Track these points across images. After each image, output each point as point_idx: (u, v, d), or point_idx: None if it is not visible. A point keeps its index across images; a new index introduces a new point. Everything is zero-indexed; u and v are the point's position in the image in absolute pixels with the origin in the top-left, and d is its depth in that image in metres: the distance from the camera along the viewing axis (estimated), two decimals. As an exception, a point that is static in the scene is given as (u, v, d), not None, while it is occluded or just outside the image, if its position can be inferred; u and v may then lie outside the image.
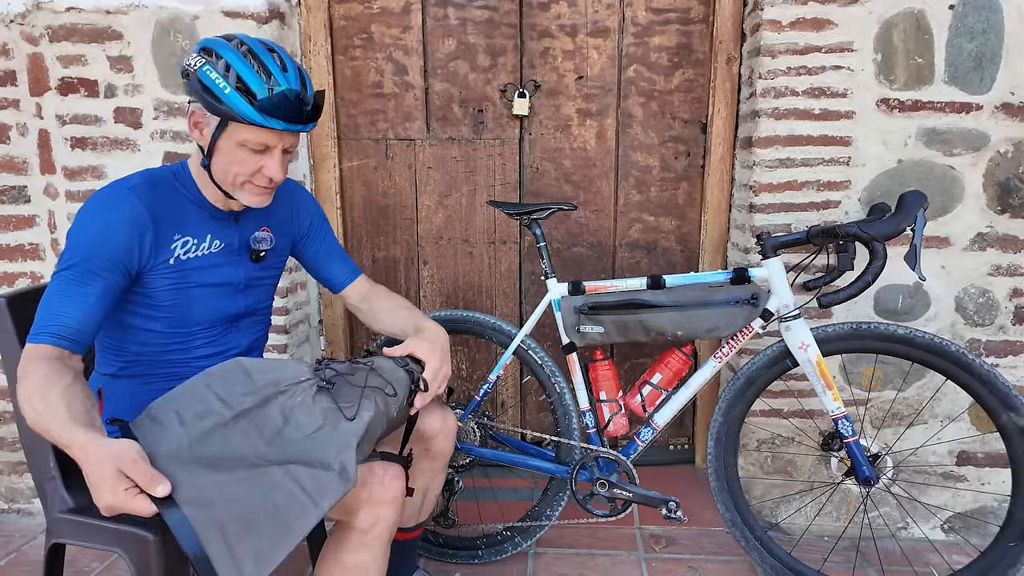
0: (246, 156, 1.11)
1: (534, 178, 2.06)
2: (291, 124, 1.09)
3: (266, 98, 1.05)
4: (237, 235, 1.24)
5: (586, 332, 1.61)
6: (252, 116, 1.06)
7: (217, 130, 1.09)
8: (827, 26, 1.68)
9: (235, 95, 1.05)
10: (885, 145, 1.72)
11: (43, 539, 1.87)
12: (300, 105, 1.09)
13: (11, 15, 1.78)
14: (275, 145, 1.12)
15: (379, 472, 1.09)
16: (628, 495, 1.63)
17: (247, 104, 1.05)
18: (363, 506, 1.08)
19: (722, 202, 2.00)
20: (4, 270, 1.91)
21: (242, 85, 1.05)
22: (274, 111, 1.06)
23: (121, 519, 1.17)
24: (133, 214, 1.09)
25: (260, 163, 1.12)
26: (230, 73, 1.05)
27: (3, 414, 1.97)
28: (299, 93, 1.09)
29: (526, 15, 1.96)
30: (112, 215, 1.09)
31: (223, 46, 1.08)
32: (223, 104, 1.06)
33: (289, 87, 1.07)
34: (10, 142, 1.84)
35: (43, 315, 1.04)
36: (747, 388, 1.62)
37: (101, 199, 1.11)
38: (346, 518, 1.10)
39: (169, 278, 1.15)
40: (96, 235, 1.07)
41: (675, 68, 1.98)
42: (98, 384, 1.22)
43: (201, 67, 1.06)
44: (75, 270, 1.05)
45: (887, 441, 1.83)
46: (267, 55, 1.09)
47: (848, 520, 1.89)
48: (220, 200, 1.20)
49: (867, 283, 1.42)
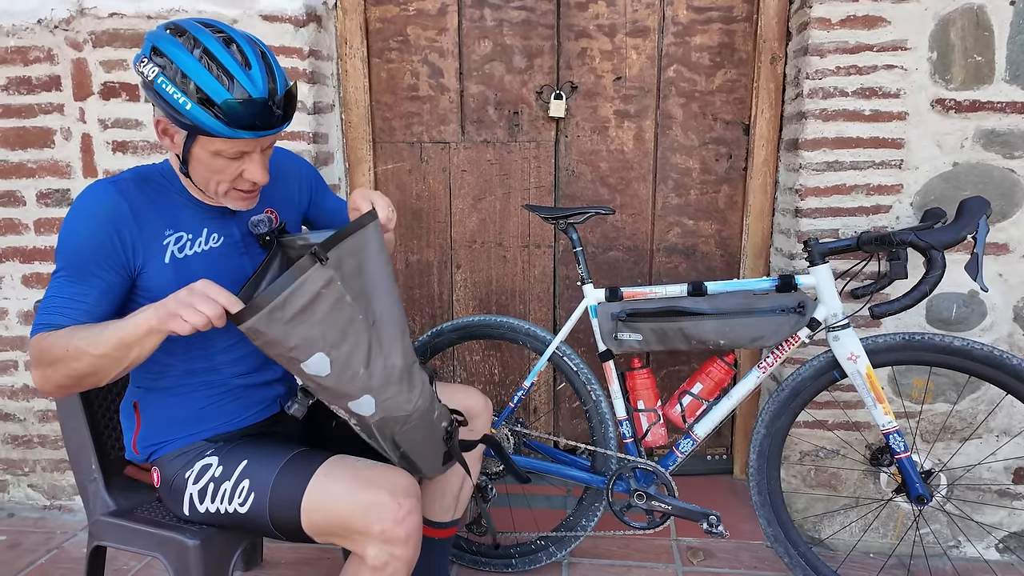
0: (224, 164, 1.04)
1: (569, 181, 2.03)
2: (262, 132, 1.01)
3: (231, 109, 0.96)
4: (236, 226, 1.18)
5: (623, 339, 1.57)
6: (219, 130, 0.97)
7: (188, 141, 1.02)
8: (880, 23, 1.61)
9: (198, 109, 0.96)
10: (940, 147, 1.65)
11: (83, 536, 1.92)
12: (269, 110, 1.00)
13: (56, 21, 1.81)
14: (252, 149, 1.04)
15: (393, 508, 1.02)
16: (667, 508, 1.59)
17: (212, 118, 0.96)
18: (374, 543, 1.02)
19: (765, 206, 1.94)
20: (48, 271, 1.94)
21: (203, 96, 0.95)
22: (241, 121, 0.97)
23: (161, 525, 1.18)
24: (111, 210, 1.04)
25: (240, 168, 1.06)
26: (188, 84, 0.95)
27: (46, 412, 2.01)
28: (266, 98, 0.99)
29: (563, 15, 1.93)
30: (89, 211, 1.04)
31: (174, 46, 0.97)
32: (186, 119, 0.97)
33: (257, 93, 0.98)
34: (55, 146, 1.87)
35: (45, 311, 1.01)
36: (792, 399, 1.56)
37: (81, 198, 1.06)
38: (358, 551, 1.05)
39: (170, 278, 1.09)
40: (77, 235, 1.03)
41: (717, 68, 1.92)
42: (134, 398, 1.21)
43: (156, 78, 0.96)
44: (67, 272, 1.03)
45: (939, 456, 1.75)
46: (223, 52, 0.97)
47: (896, 537, 1.81)
48: (209, 198, 1.14)
49: (924, 293, 1.35)
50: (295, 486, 1.05)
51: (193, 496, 1.12)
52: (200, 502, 1.11)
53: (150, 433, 1.18)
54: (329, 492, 1.04)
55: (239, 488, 1.08)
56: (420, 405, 1.12)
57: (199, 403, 1.18)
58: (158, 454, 1.17)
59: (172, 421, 1.17)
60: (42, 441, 2.03)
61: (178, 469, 1.14)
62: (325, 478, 1.06)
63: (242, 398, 1.21)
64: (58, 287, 1.03)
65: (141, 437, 1.19)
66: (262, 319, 0.92)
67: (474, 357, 2.17)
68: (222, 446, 1.15)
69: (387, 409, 1.08)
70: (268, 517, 1.07)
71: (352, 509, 1.03)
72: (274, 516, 1.06)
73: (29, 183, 1.90)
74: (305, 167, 1.36)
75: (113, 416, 1.35)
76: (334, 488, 1.04)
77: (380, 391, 1.06)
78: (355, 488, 1.04)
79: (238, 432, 1.20)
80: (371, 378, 1.04)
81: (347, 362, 1.01)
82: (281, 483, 1.06)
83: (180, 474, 1.13)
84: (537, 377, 1.69)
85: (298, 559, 1.80)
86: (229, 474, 1.09)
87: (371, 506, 1.02)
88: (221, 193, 1.09)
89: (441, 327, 1.77)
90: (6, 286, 1.96)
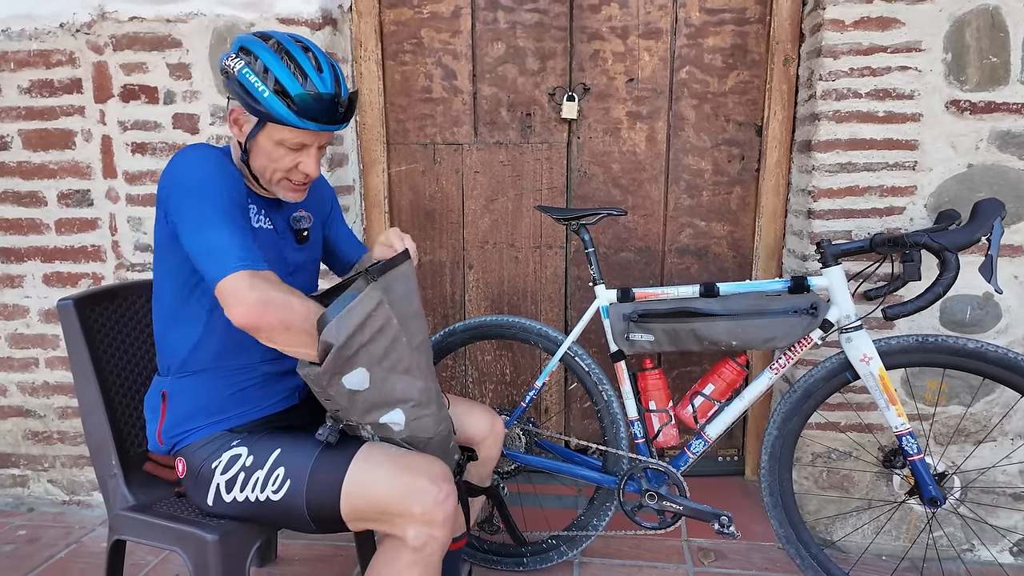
0: (283, 154, 1.15)
1: (582, 182, 2.04)
2: (326, 125, 1.13)
3: (303, 101, 1.08)
4: (281, 218, 1.27)
5: (635, 340, 1.58)
6: (289, 119, 1.09)
7: (255, 128, 1.13)
8: (894, 25, 1.61)
9: (273, 98, 1.08)
10: (954, 149, 1.64)
11: (101, 531, 1.95)
12: (335, 107, 1.12)
13: (78, 25, 1.84)
14: (311, 143, 1.16)
15: (433, 491, 1.07)
16: (679, 508, 1.59)
17: (285, 107, 1.08)
18: (414, 524, 1.07)
19: (778, 207, 1.94)
20: (68, 270, 1.98)
21: (280, 88, 1.08)
22: (310, 113, 1.09)
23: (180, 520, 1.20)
24: (225, 162, 1.13)
25: (297, 160, 1.16)
26: (268, 76, 1.08)
27: (66, 409, 2.05)
28: (334, 96, 1.12)
29: (576, 18, 1.94)
30: (217, 155, 1.13)
31: (260, 47, 1.10)
32: (261, 106, 1.09)
33: (325, 90, 1.11)
34: (76, 147, 1.91)
35: (224, 250, 1.02)
36: (804, 401, 1.56)
37: (195, 148, 1.13)
38: (397, 533, 1.09)
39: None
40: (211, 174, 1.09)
41: (729, 70, 1.92)
42: (162, 387, 1.24)
43: (240, 69, 1.10)
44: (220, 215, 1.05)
45: (952, 459, 1.74)
46: (302, 55, 1.11)
47: (909, 540, 1.81)
48: (261, 189, 1.23)
49: (938, 295, 1.35)
50: (334, 472, 1.10)
51: (220, 486, 1.14)
52: (227, 492, 1.14)
53: (175, 423, 1.20)
54: (369, 477, 1.09)
55: (273, 476, 1.11)
56: (442, 431, 1.19)
57: (226, 390, 1.21)
58: (182, 444, 1.20)
59: (197, 410, 1.20)
60: (61, 437, 2.07)
61: (204, 459, 1.16)
62: (364, 463, 1.10)
63: (267, 386, 1.24)
64: (218, 222, 1.04)
65: (166, 427, 1.21)
66: (332, 330, 1.02)
67: (486, 357, 2.18)
68: (247, 436, 1.18)
69: (414, 428, 1.15)
70: (304, 503, 1.10)
71: (392, 492, 1.07)
72: (311, 502, 1.10)
73: (50, 184, 1.93)
74: (330, 189, 1.48)
75: (133, 412, 1.38)
76: (374, 473, 1.09)
77: (412, 410, 1.14)
78: (395, 473, 1.09)
79: (259, 421, 1.22)
80: (406, 394, 1.12)
81: (386, 377, 1.10)
82: (320, 469, 1.10)
83: (207, 464, 1.16)
84: (549, 377, 1.70)
85: (312, 555, 1.82)
86: (261, 463, 1.13)
87: (411, 490, 1.07)
88: (275, 182, 1.18)
89: (453, 327, 1.78)
90: (27, 285, 1.99)
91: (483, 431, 1.41)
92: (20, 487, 2.12)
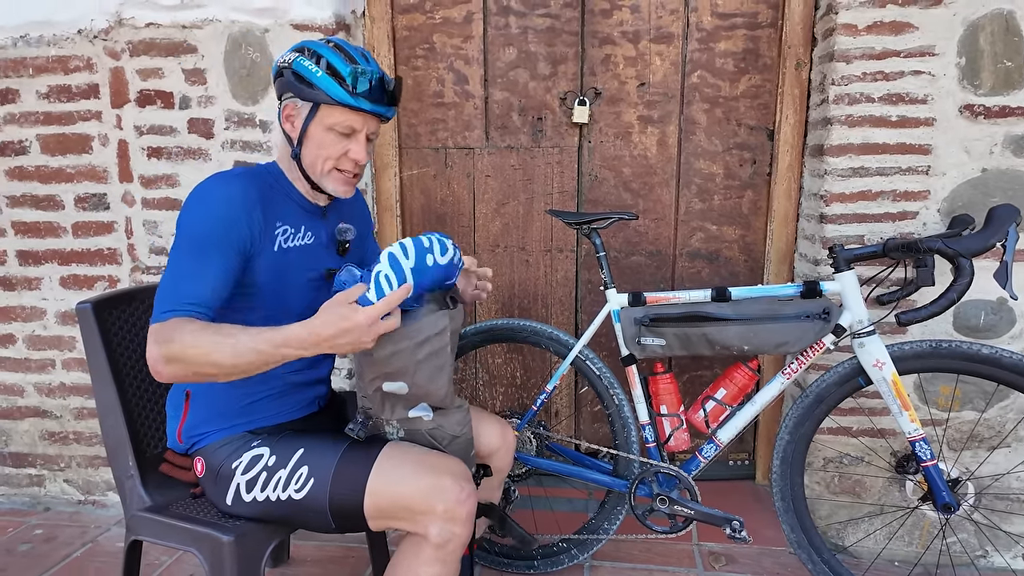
0: (334, 140, 1.17)
1: (592, 186, 2.04)
2: (376, 105, 1.16)
3: (354, 79, 1.13)
4: (325, 229, 1.29)
5: (647, 344, 1.58)
6: (341, 96, 1.13)
7: (308, 117, 1.16)
8: (907, 29, 1.60)
9: (326, 78, 1.13)
10: (968, 153, 1.63)
11: (116, 531, 1.98)
12: (383, 86, 1.17)
13: (95, 31, 1.87)
14: (360, 129, 1.18)
15: (456, 489, 1.10)
16: (690, 512, 1.59)
17: (337, 85, 1.13)
18: (437, 521, 1.09)
19: (789, 211, 1.94)
20: (84, 273, 2.00)
21: (332, 70, 1.14)
22: (360, 90, 1.14)
23: (196, 521, 1.22)
24: (245, 194, 1.13)
25: (347, 147, 1.18)
26: (321, 61, 1.14)
27: (82, 410, 2.07)
28: (382, 76, 1.17)
29: (588, 22, 1.94)
30: (229, 192, 1.12)
31: (314, 43, 1.18)
32: (315, 88, 1.14)
33: (373, 70, 1.16)
34: (92, 152, 1.94)
35: (167, 293, 1.05)
36: (816, 406, 1.56)
37: (215, 181, 1.14)
38: (420, 530, 1.11)
39: (271, 263, 1.17)
40: (213, 214, 1.09)
41: (741, 74, 1.93)
42: (186, 387, 1.26)
43: (295, 60, 1.16)
44: (194, 249, 1.07)
45: (966, 465, 1.73)
46: (353, 49, 1.19)
47: (922, 546, 1.80)
48: (309, 193, 1.25)
49: (952, 301, 1.35)
50: (359, 471, 1.12)
51: (240, 486, 1.16)
52: (248, 491, 1.16)
53: (196, 423, 1.22)
54: (393, 475, 1.12)
55: (297, 475, 1.14)
56: (466, 432, 1.26)
57: (249, 397, 1.23)
58: (202, 444, 1.22)
59: (219, 412, 1.22)
60: (77, 438, 2.09)
61: (224, 458, 1.18)
62: (388, 462, 1.13)
63: (289, 395, 1.27)
64: (182, 263, 1.07)
65: (187, 426, 1.23)
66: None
67: (496, 360, 2.19)
68: (268, 437, 1.20)
69: (439, 421, 1.22)
70: (327, 502, 1.12)
71: (416, 490, 1.10)
72: (334, 500, 1.12)
73: (68, 188, 1.96)
74: (365, 205, 1.50)
75: (149, 413, 1.40)
76: (398, 472, 1.12)
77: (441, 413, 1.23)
78: (418, 472, 1.12)
79: (280, 425, 1.24)
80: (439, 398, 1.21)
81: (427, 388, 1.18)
82: (344, 468, 1.13)
83: (227, 463, 1.18)
84: (559, 381, 1.70)
85: (324, 557, 1.83)
86: (284, 462, 1.15)
87: (435, 488, 1.10)
88: (325, 172, 1.20)
89: (464, 330, 1.79)
90: (45, 287, 2.02)
91: (495, 443, 1.41)
92: (37, 487, 2.15)
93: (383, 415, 1.20)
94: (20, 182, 1.98)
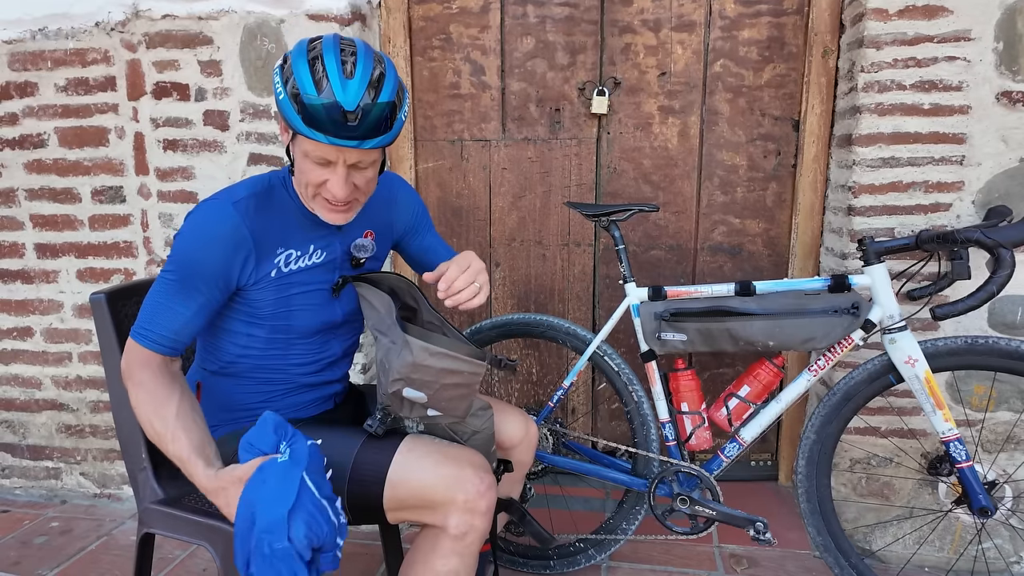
0: (311, 167, 1.05)
1: (611, 178, 2.00)
2: (335, 139, 0.99)
3: (311, 107, 0.97)
4: (339, 243, 1.21)
5: (667, 340, 1.54)
6: (297, 125, 1.00)
7: (292, 137, 1.06)
8: (941, 13, 1.54)
9: (286, 101, 1.00)
10: (1005, 143, 1.57)
11: (131, 524, 1.97)
12: (344, 119, 0.98)
13: (112, 23, 1.87)
14: (335, 160, 1.03)
15: (476, 481, 1.08)
16: (712, 513, 1.55)
17: (295, 113, 0.99)
18: (457, 512, 1.07)
19: (815, 204, 1.88)
20: (101, 266, 2.00)
21: (295, 91, 0.99)
22: (315, 121, 0.98)
23: (208, 514, 1.20)
24: (234, 234, 1.07)
25: (324, 177, 1.06)
26: (289, 80, 1.00)
27: (98, 403, 2.07)
28: (343, 107, 0.97)
29: (607, 11, 1.90)
30: (213, 232, 1.07)
31: (299, 50, 1.02)
32: (280, 110, 1.02)
33: (340, 99, 0.97)
34: (109, 144, 1.93)
35: (146, 316, 1.08)
36: (843, 404, 1.50)
37: (206, 212, 1.09)
38: (439, 522, 1.08)
39: (271, 290, 1.14)
40: (196, 250, 1.07)
41: (765, 63, 1.87)
42: (197, 378, 1.25)
43: (275, 70, 1.04)
44: (176, 280, 1.07)
45: (1002, 467, 1.66)
46: (336, 60, 0.99)
47: (954, 551, 1.73)
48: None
49: (991, 294, 1.29)
50: (379, 461, 1.10)
51: None
52: None
53: (207, 415, 1.20)
54: (414, 466, 1.10)
55: None
56: (487, 427, 1.25)
57: (261, 396, 1.21)
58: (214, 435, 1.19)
59: (231, 406, 1.21)
60: (93, 431, 2.09)
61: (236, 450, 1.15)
62: (408, 453, 1.11)
63: (302, 394, 1.25)
64: (163, 292, 1.08)
65: None
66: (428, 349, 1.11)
67: (511, 356, 2.15)
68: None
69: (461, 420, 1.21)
70: (345, 493, 1.10)
71: (437, 481, 1.08)
72: (352, 491, 1.10)
73: (85, 180, 1.96)
74: (415, 198, 1.38)
75: (162, 407, 1.38)
76: (419, 463, 1.10)
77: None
78: (439, 462, 1.10)
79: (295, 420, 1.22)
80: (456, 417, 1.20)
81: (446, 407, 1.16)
82: (364, 459, 1.11)
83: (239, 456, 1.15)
84: (577, 377, 1.67)
85: (337, 553, 1.81)
86: None
87: (455, 479, 1.07)
88: (309, 197, 1.10)
89: (480, 325, 1.76)
90: (62, 280, 2.02)
91: (518, 435, 1.37)
92: (53, 479, 2.16)
93: (402, 412, 1.17)
94: (38, 175, 1.98)
